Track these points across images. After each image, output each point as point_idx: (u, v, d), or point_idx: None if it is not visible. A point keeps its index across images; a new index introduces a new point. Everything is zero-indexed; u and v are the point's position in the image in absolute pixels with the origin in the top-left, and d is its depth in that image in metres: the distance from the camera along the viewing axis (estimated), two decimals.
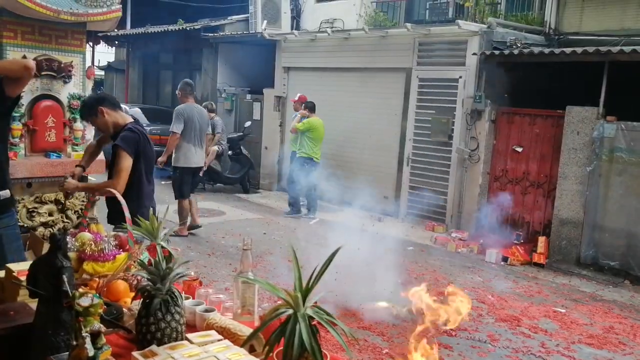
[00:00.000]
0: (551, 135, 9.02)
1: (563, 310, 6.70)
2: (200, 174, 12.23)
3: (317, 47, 12.44)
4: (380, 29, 11.58)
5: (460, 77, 10.01)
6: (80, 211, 5.97)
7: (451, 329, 5.55)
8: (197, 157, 8.84)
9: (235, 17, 14.91)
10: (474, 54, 9.71)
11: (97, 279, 2.37)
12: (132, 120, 4.28)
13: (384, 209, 11.26)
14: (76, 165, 4.52)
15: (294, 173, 10.89)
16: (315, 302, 1.95)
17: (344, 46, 11.92)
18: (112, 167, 4.16)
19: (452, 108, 10.18)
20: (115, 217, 3.94)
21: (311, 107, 11.00)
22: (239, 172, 12.93)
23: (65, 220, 5.88)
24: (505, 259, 8.70)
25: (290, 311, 1.88)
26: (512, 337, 5.80)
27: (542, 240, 8.85)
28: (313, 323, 1.89)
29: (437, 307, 2.71)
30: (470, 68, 9.87)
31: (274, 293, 1.98)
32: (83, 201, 5.94)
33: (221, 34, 14.41)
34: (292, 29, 13.88)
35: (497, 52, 9.41)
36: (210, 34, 14.37)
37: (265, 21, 13.58)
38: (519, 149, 9.42)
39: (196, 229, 9.12)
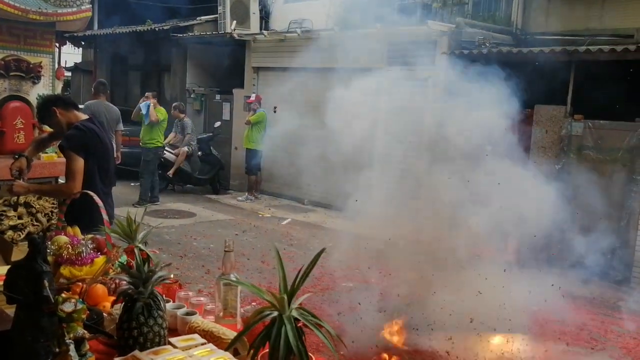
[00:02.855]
0: (520, 135, 9.12)
1: (535, 308, 6.77)
2: (171, 175, 12.20)
3: (286, 47, 12.41)
4: (350, 29, 11.59)
5: (430, 76, 10.07)
6: (50, 214, 5.87)
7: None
8: None
9: (204, 18, 14.78)
10: (444, 53, 9.79)
11: (80, 284, 2.32)
12: (86, 118, 4.05)
13: (355, 209, 11.28)
14: (18, 156, 4.04)
15: (154, 165, 11.32)
16: (300, 304, 1.94)
17: (314, 46, 11.91)
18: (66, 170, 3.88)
19: (422, 107, 10.23)
20: (77, 219, 3.35)
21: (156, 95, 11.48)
22: (208, 173, 12.85)
23: (35, 223, 5.78)
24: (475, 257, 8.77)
25: (275, 313, 1.87)
26: (486, 333, 5.84)
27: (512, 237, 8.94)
28: (298, 325, 1.88)
29: None
30: (439, 67, 9.93)
31: (258, 295, 1.96)
32: (53, 204, 5.84)
33: (190, 34, 14.29)
34: (261, 29, 13.83)
35: (466, 51, 9.50)
36: (179, 35, 14.24)
37: (234, 22, 13.51)
38: (489, 148, 9.50)
39: None
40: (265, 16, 14.43)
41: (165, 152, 12.17)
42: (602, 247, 8.07)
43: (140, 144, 11.24)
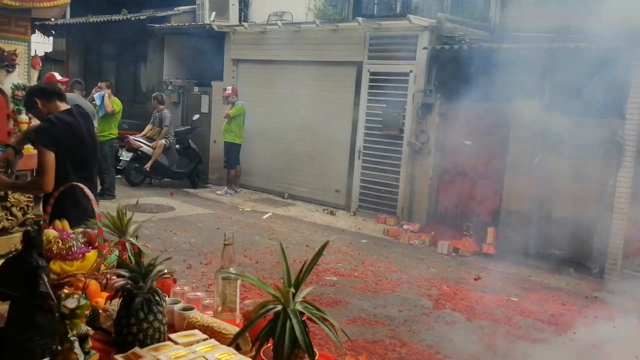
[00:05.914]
0: (499, 129, 9.17)
1: (515, 299, 6.85)
2: (148, 168, 12.03)
3: (267, 39, 12.32)
4: (331, 22, 11.54)
5: (411, 71, 10.08)
6: (25, 208, 5.72)
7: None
8: None
9: (181, 8, 14.57)
10: (425, 48, 9.79)
11: (82, 278, 2.24)
12: (67, 108, 3.93)
13: (335, 203, 11.29)
14: (5, 146, 4.03)
15: (111, 159, 10.93)
16: (304, 297, 1.90)
17: (295, 39, 11.84)
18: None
19: (403, 102, 10.25)
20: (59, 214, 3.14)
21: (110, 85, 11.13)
22: (187, 167, 12.68)
23: (10, 217, 5.62)
24: (456, 250, 8.83)
25: (279, 307, 1.83)
26: (470, 326, 5.88)
27: (490, 231, 9.02)
28: (303, 319, 1.84)
29: None
30: (420, 62, 9.95)
31: (262, 288, 1.92)
32: (29, 197, 5.69)
33: (167, 25, 14.09)
34: (240, 21, 13.69)
35: (447, 46, 9.51)
36: (156, 25, 14.03)
37: (213, 12, 13.34)
38: (468, 142, 9.55)
39: None
40: (244, 7, 14.28)
41: (142, 144, 11.99)
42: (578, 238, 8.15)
43: None
